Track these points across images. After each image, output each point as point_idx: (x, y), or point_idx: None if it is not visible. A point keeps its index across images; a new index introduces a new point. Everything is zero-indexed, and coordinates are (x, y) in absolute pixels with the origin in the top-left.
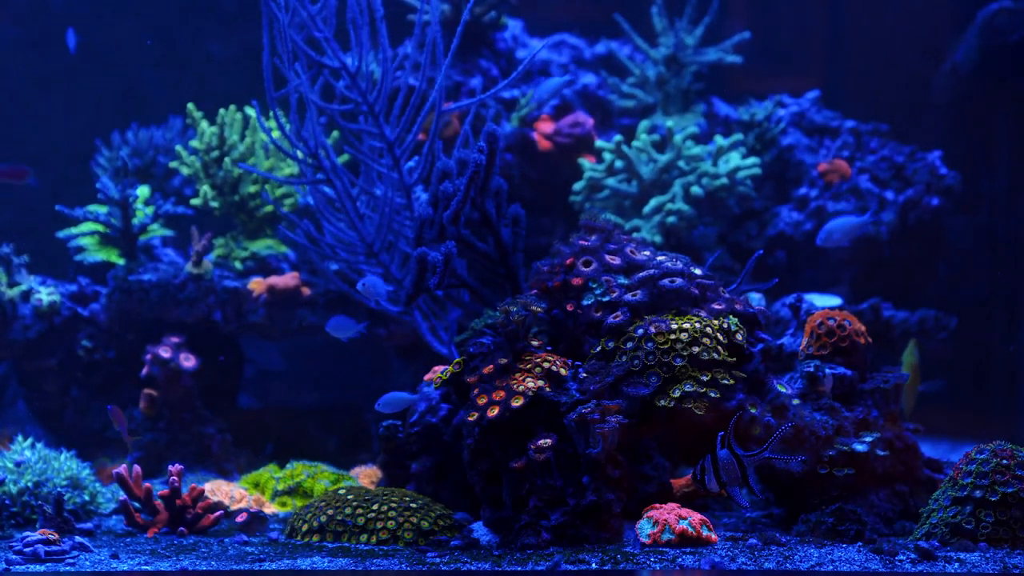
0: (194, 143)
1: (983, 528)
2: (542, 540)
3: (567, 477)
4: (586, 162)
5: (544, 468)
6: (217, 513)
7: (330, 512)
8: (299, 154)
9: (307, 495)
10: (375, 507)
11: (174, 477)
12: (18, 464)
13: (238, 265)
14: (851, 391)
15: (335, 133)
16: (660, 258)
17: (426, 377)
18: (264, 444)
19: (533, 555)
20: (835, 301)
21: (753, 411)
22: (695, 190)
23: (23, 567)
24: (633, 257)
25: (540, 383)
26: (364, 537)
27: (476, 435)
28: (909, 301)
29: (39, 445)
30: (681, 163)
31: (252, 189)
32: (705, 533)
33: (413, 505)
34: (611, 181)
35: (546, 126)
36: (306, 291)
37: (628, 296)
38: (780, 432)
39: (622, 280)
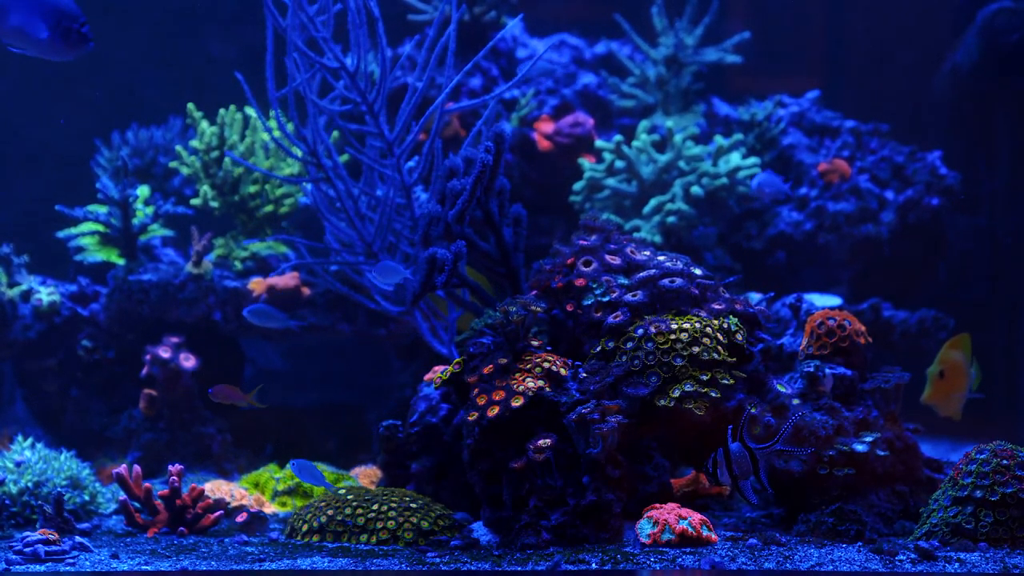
0: (194, 143)
1: (983, 528)
2: (542, 540)
3: (567, 477)
4: (586, 162)
5: (544, 468)
6: (217, 513)
7: (330, 512)
8: (297, 152)
9: (307, 495)
10: (375, 507)
11: (174, 477)
12: (18, 464)
13: (238, 265)
14: (851, 391)
15: (335, 133)
16: (660, 258)
17: (426, 377)
18: (264, 444)
19: (533, 555)
20: (835, 301)
21: (753, 411)
22: (695, 190)
23: (23, 567)
24: (633, 257)
25: (540, 383)
26: (364, 537)
27: (476, 435)
28: (909, 301)
29: (39, 445)
30: (681, 163)
31: (252, 189)
32: (705, 533)
33: (413, 505)
34: (611, 181)
35: (546, 126)
36: (306, 291)
37: (628, 296)
38: (790, 424)
39: (622, 280)
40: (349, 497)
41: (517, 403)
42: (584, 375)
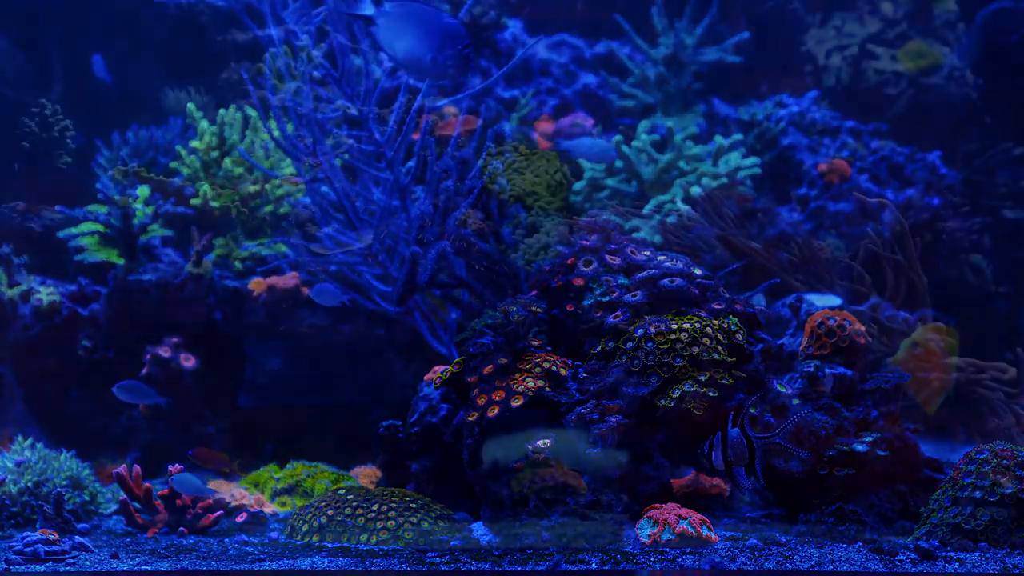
0: (194, 143)
1: (978, 527)
2: (542, 540)
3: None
4: (586, 162)
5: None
6: (217, 513)
7: (330, 512)
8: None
9: (307, 495)
10: (375, 507)
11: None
12: (18, 464)
13: (238, 265)
14: (851, 391)
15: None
16: (660, 258)
17: (426, 377)
18: (264, 444)
19: (533, 555)
20: (835, 301)
21: (753, 411)
22: (695, 190)
23: (23, 567)
24: (633, 257)
25: (540, 383)
26: (364, 537)
27: (476, 435)
28: (909, 301)
29: (39, 445)
30: (681, 163)
31: (252, 189)
32: (705, 533)
33: (413, 505)
34: (611, 181)
35: (546, 126)
36: (306, 291)
37: (628, 296)
38: (792, 420)
39: (622, 280)
40: (349, 497)
41: (517, 403)
42: (584, 375)
